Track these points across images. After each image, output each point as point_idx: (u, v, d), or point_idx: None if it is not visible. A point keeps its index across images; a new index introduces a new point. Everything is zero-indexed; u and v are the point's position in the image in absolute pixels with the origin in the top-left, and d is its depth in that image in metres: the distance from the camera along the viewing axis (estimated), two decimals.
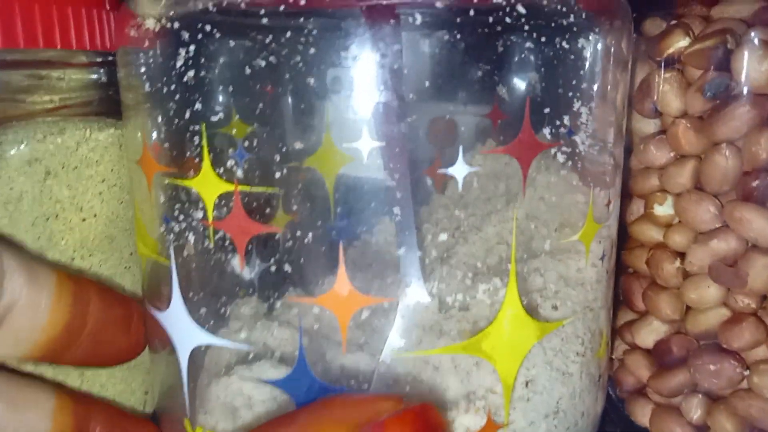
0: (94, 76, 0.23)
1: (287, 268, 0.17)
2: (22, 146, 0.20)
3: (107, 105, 0.23)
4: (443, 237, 0.17)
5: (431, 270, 0.17)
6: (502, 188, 0.17)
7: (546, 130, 0.17)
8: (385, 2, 0.16)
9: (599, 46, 0.18)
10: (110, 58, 0.24)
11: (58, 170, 0.21)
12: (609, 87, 0.19)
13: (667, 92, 0.21)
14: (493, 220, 0.18)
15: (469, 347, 0.17)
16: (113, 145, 0.22)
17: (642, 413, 0.24)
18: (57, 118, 0.21)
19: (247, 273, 0.17)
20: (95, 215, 0.22)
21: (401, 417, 0.15)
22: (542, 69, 0.16)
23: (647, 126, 0.23)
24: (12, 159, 0.20)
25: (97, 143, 0.22)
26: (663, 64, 0.22)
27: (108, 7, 0.23)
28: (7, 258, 0.16)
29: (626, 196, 0.24)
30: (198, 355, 0.19)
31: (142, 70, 0.18)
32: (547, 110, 0.17)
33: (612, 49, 0.18)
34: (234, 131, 0.16)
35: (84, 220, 0.22)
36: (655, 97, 0.22)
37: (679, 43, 0.21)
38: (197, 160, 0.17)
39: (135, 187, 0.20)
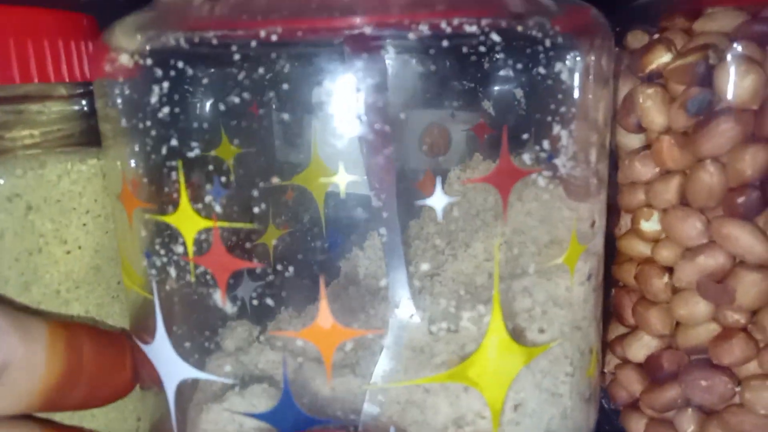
0: (76, 107, 0.23)
1: (270, 301, 0.17)
2: (1, 182, 0.20)
3: (89, 135, 0.23)
4: (426, 264, 0.17)
5: (418, 297, 0.17)
6: (489, 207, 0.17)
7: (526, 156, 0.17)
8: (357, 32, 0.16)
9: (578, 67, 0.18)
10: (91, 88, 0.24)
11: (40, 204, 0.21)
12: (590, 106, 0.18)
13: (651, 108, 0.21)
14: (481, 236, 0.18)
15: (455, 376, 0.17)
16: (96, 176, 0.22)
17: (636, 427, 0.24)
18: (37, 151, 0.21)
19: (230, 307, 0.17)
20: (80, 247, 0.22)
21: None
22: (520, 96, 0.16)
23: (632, 141, 0.23)
24: None
25: (80, 175, 0.22)
26: (645, 80, 0.21)
27: (86, 37, 0.23)
28: None
29: (615, 210, 0.24)
30: (185, 387, 0.19)
31: (119, 104, 0.18)
32: (525, 136, 0.17)
33: (591, 68, 0.18)
34: (210, 167, 0.16)
35: (68, 252, 0.21)
36: (639, 112, 0.22)
37: (661, 58, 0.21)
38: (175, 195, 0.17)
39: (117, 221, 0.20)
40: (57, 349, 0.18)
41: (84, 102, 0.24)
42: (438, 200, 0.16)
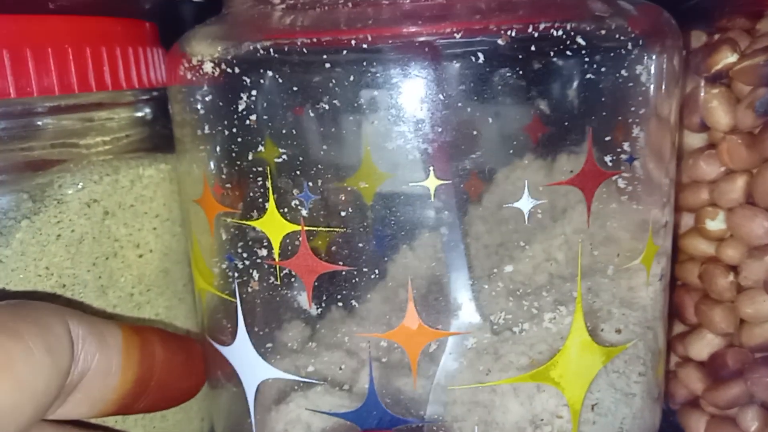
0: (140, 114, 0.24)
1: (354, 303, 0.17)
2: (80, 187, 0.20)
3: (155, 141, 0.24)
4: (509, 266, 0.17)
5: (498, 299, 0.17)
6: (570, 209, 0.17)
7: (608, 158, 0.17)
8: (444, 40, 0.16)
9: (653, 68, 0.18)
10: (155, 94, 0.24)
11: (115, 209, 0.21)
12: (664, 107, 0.19)
13: (716, 108, 0.21)
14: (562, 238, 0.18)
15: (538, 376, 0.17)
16: (164, 181, 0.22)
17: (697, 425, 0.24)
18: (109, 157, 0.22)
19: (315, 309, 0.17)
20: (151, 251, 0.22)
21: None
22: (602, 98, 0.16)
23: (695, 140, 0.23)
24: (72, 202, 0.20)
25: (150, 180, 0.22)
26: (710, 80, 0.21)
27: (150, 44, 0.23)
28: (77, 325, 0.17)
29: (675, 209, 0.24)
30: (265, 387, 0.19)
31: (200, 111, 0.18)
32: (608, 138, 0.17)
33: (665, 69, 0.18)
34: (298, 172, 0.16)
35: (141, 256, 0.22)
36: (703, 112, 0.22)
37: (727, 59, 0.21)
38: (261, 201, 0.17)
39: (193, 225, 0.20)
40: (131, 356, 0.18)
41: (147, 108, 0.24)
42: (525, 203, 0.16)
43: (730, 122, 0.21)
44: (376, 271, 0.17)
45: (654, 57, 0.18)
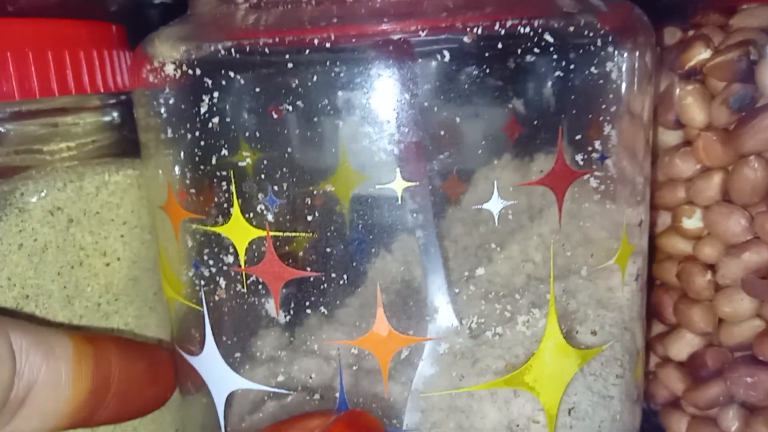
0: (107, 118, 0.23)
1: (323, 309, 0.17)
2: (44, 194, 0.20)
3: (122, 146, 0.23)
4: (479, 269, 0.17)
5: (470, 302, 0.17)
6: (541, 209, 0.17)
7: (579, 157, 0.17)
8: (410, 37, 0.15)
9: (624, 65, 0.17)
10: (122, 98, 0.23)
11: (80, 217, 0.20)
12: (636, 104, 0.18)
13: (691, 105, 0.21)
14: (534, 239, 0.18)
15: (512, 381, 0.17)
16: (132, 187, 0.22)
17: (678, 426, 0.24)
18: (74, 163, 0.21)
19: (283, 316, 0.17)
20: (118, 259, 0.22)
21: (332, 428, 0.16)
22: (572, 96, 0.16)
23: (670, 137, 0.22)
24: (34, 210, 0.19)
25: (117, 186, 0.21)
26: (684, 76, 0.21)
27: (117, 47, 0.23)
28: (19, 336, 0.16)
29: (652, 208, 0.24)
30: (235, 397, 0.19)
31: (163, 114, 0.18)
32: (579, 137, 0.17)
33: (637, 66, 0.18)
34: (263, 176, 0.16)
35: (108, 264, 0.21)
36: (678, 109, 0.21)
37: (701, 55, 0.21)
38: (226, 206, 0.17)
39: (160, 232, 0.20)
40: (84, 366, 0.17)
41: (115, 113, 0.24)
42: (495, 204, 0.16)
43: (705, 119, 0.21)
44: (345, 277, 0.16)
45: (625, 54, 0.17)
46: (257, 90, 0.16)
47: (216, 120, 0.16)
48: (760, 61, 0.20)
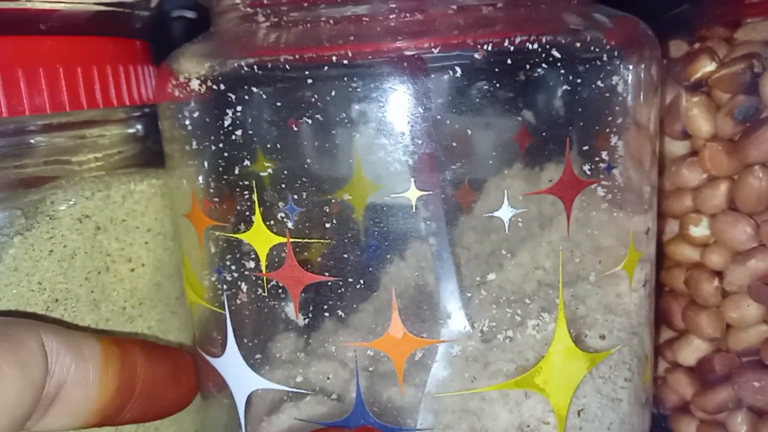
0: (132, 130, 0.24)
1: (341, 313, 0.17)
2: (72, 203, 0.21)
3: (146, 156, 0.24)
4: (491, 274, 0.17)
5: (481, 306, 0.17)
6: (550, 217, 0.17)
7: (586, 167, 0.17)
8: (423, 54, 0.16)
9: (630, 78, 0.18)
10: (146, 110, 0.24)
11: (107, 224, 0.21)
12: (642, 116, 0.19)
13: (697, 116, 0.21)
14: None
15: (522, 383, 0.18)
16: (155, 196, 0.23)
17: (687, 430, 0.25)
18: (101, 173, 0.22)
19: (302, 319, 0.18)
20: (143, 264, 0.23)
21: None
22: (579, 109, 0.17)
23: (677, 148, 0.23)
24: (64, 217, 0.20)
25: (141, 195, 0.22)
26: (690, 88, 0.22)
27: (141, 62, 0.24)
28: (51, 338, 0.17)
29: (659, 216, 0.24)
30: (255, 397, 0.19)
31: (188, 127, 0.19)
32: (586, 148, 0.17)
33: (642, 79, 0.19)
34: (283, 185, 0.17)
35: (133, 270, 0.22)
36: (684, 120, 0.22)
37: (706, 67, 0.21)
38: (248, 214, 0.17)
39: (183, 238, 0.21)
40: (110, 367, 0.18)
41: (139, 125, 0.24)
42: (505, 212, 0.16)
43: (711, 130, 0.21)
44: (361, 282, 0.17)
45: (631, 67, 0.18)
46: (278, 104, 0.17)
47: (239, 132, 0.17)
48: (763, 74, 0.20)
